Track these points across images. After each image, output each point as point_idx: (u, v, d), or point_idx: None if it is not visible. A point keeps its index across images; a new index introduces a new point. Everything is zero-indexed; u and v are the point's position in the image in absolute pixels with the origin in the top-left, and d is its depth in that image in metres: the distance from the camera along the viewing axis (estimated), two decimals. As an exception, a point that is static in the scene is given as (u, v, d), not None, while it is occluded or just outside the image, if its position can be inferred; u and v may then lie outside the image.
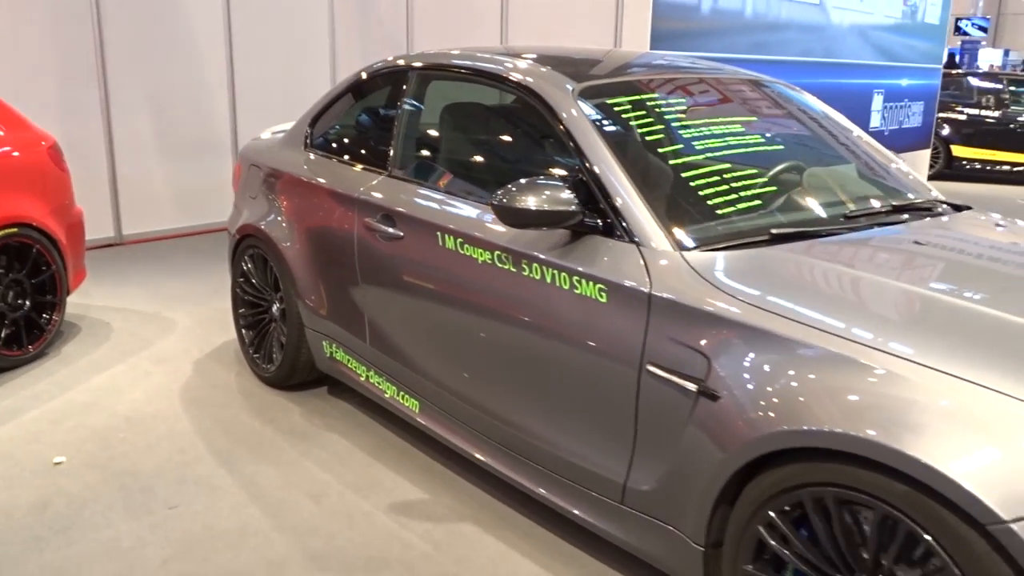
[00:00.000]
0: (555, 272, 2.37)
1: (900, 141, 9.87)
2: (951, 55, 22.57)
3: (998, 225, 2.64)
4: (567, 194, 2.29)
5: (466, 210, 2.73)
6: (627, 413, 2.19)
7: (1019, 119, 11.78)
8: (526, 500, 2.76)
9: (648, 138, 2.57)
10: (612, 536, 2.32)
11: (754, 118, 2.97)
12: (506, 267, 2.52)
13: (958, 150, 11.95)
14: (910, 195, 2.86)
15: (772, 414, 1.84)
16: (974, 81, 12.43)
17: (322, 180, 3.41)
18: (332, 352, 3.44)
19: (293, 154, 3.73)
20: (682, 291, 2.10)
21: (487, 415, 2.67)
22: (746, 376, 1.92)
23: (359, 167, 3.31)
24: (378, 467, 3.11)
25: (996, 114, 11.86)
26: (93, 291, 5.20)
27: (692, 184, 2.43)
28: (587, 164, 2.40)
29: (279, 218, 3.63)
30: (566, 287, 2.34)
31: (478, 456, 2.75)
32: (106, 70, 6.31)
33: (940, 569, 1.60)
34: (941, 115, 11.55)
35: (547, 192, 2.29)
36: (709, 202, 2.38)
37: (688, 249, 2.20)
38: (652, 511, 2.17)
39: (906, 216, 2.55)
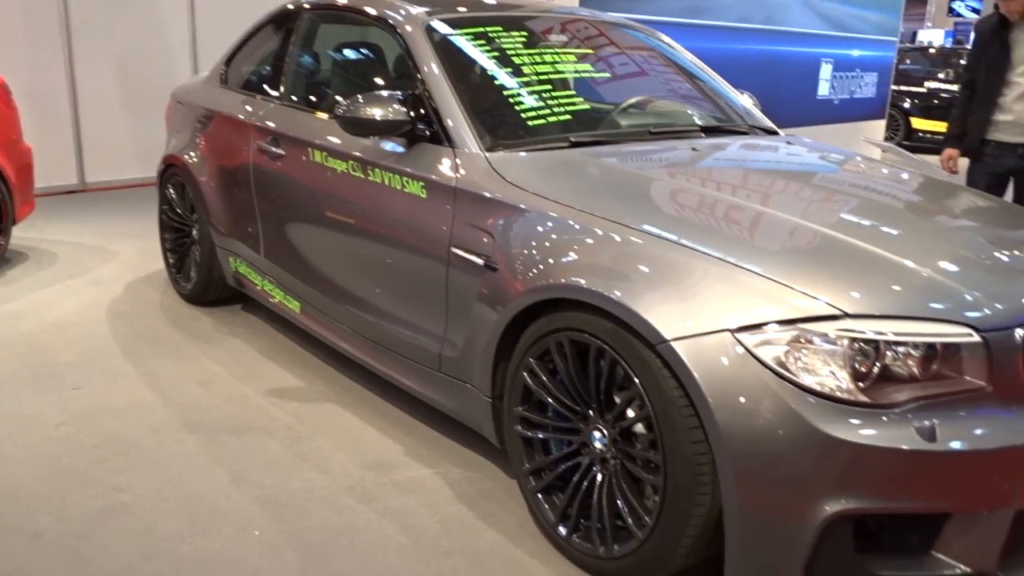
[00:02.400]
0: (391, 175, 2.74)
1: (852, 111, 10.17)
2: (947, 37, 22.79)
3: (790, 143, 3.01)
4: (399, 106, 2.65)
5: (331, 128, 3.09)
6: (440, 292, 2.56)
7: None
8: (388, 387, 3.14)
9: (482, 63, 2.93)
10: (435, 401, 2.70)
11: (594, 54, 3.32)
12: (357, 174, 2.89)
13: (917, 122, 12.25)
14: (735, 123, 3.22)
15: (530, 275, 2.21)
16: (935, 55, 12.71)
17: (228, 111, 3.78)
18: (236, 267, 3.82)
19: (210, 90, 4.09)
20: (478, 183, 2.47)
21: (345, 306, 3.05)
22: (514, 249, 2.30)
23: (258, 98, 3.67)
24: (267, 363, 3.50)
25: (955, 88, 12.14)
26: (47, 228, 5.58)
27: (511, 101, 2.80)
28: (423, 82, 2.76)
29: (194, 148, 4.00)
30: (399, 187, 2.71)
31: (342, 345, 3.13)
32: (70, 28, 6.67)
33: (636, 391, 1.97)
34: (901, 88, 11.84)
35: (383, 105, 2.65)
36: (522, 115, 2.74)
37: (492, 151, 2.56)
38: (458, 374, 2.54)
39: (702, 134, 2.92)
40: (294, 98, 3.48)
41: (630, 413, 2.03)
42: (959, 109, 4.38)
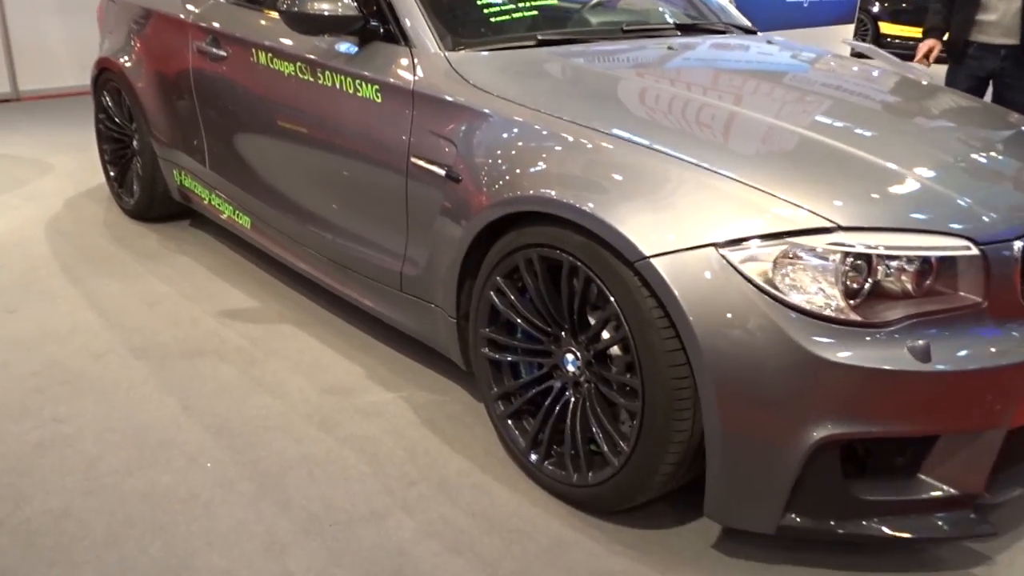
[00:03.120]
0: (343, 78, 2.51)
1: (821, 14, 9.91)
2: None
3: (769, 43, 2.82)
4: (350, 0, 2.41)
5: (277, 27, 2.83)
6: (400, 206, 2.38)
7: (948, -3, 11.82)
8: (348, 306, 2.98)
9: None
10: (396, 321, 2.55)
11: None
12: (305, 77, 2.66)
13: (886, 27, 12.02)
14: (711, 21, 3.02)
15: (496, 187, 2.04)
16: (906, -44, 12.38)
17: (164, 8, 3.47)
18: (181, 180, 3.57)
19: (144, -14, 3.76)
20: (438, 86, 2.26)
21: (299, 221, 2.86)
22: (478, 158, 2.11)
23: (196, -6, 3.37)
24: (218, 282, 3.31)
25: (925, -9, 11.89)
26: (-22, 139, 5.24)
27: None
28: (378, -25, 2.51)
29: (130, 51, 3.69)
30: (351, 91, 2.49)
31: (298, 264, 2.95)
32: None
33: (611, 311, 1.84)
34: (869, -10, 11.56)
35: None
36: (485, 11, 2.52)
37: (453, 50, 2.35)
38: (421, 293, 2.39)
39: (677, 32, 2.72)
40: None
41: (605, 335, 1.90)
42: (940, 2, 4.17)
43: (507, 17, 2.52)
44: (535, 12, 2.60)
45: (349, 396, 2.51)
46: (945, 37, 4.15)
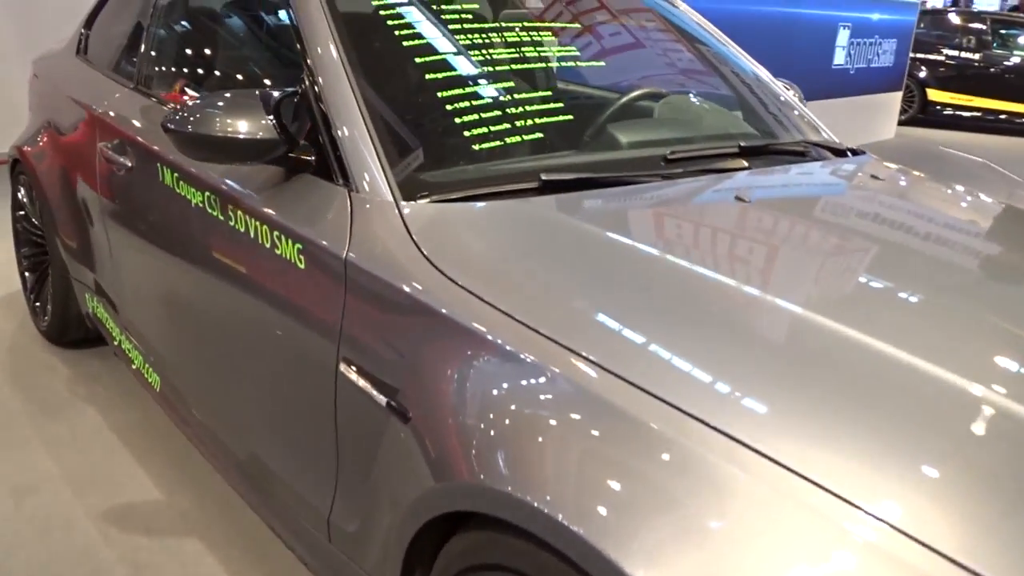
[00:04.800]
0: (257, 224, 1.73)
1: (868, 82, 9.14)
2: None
3: (874, 177, 1.99)
4: (263, 116, 1.63)
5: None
6: (327, 430, 1.58)
7: (1003, 63, 11.04)
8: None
9: (411, 44, 1.89)
10: (324, 579, 1.73)
11: (582, 26, 2.29)
12: (214, 213, 1.88)
13: (934, 94, 11.24)
14: (782, 134, 2.22)
15: (451, 458, 1.23)
16: (956, 20, 11.65)
17: (77, 94, 2.74)
18: (94, 308, 2.81)
19: (64, 61, 3.04)
20: (382, 259, 1.46)
21: (209, 406, 2.07)
22: (441, 395, 1.30)
23: (111, 80, 2.63)
24: (122, 454, 2.51)
25: (977, 56, 11.12)
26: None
27: (450, 108, 1.76)
28: (311, 74, 1.74)
29: (40, 139, 2.96)
30: (267, 244, 1.70)
31: (203, 453, 2.15)
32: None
33: None
34: (918, 55, 10.80)
35: (238, 112, 1.63)
36: (467, 133, 1.72)
37: (412, 199, 1.56)
38: (353, 555, 1.57)
39: (744, 163, 1.88)
40: (153, 84, 2.44)
41: None
42: None
43: (497, 142, 1.72)
44: (540, 133, 1.78)
45: None
46: None
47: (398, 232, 1.48)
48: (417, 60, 1.85)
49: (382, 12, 1.92)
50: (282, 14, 2.03)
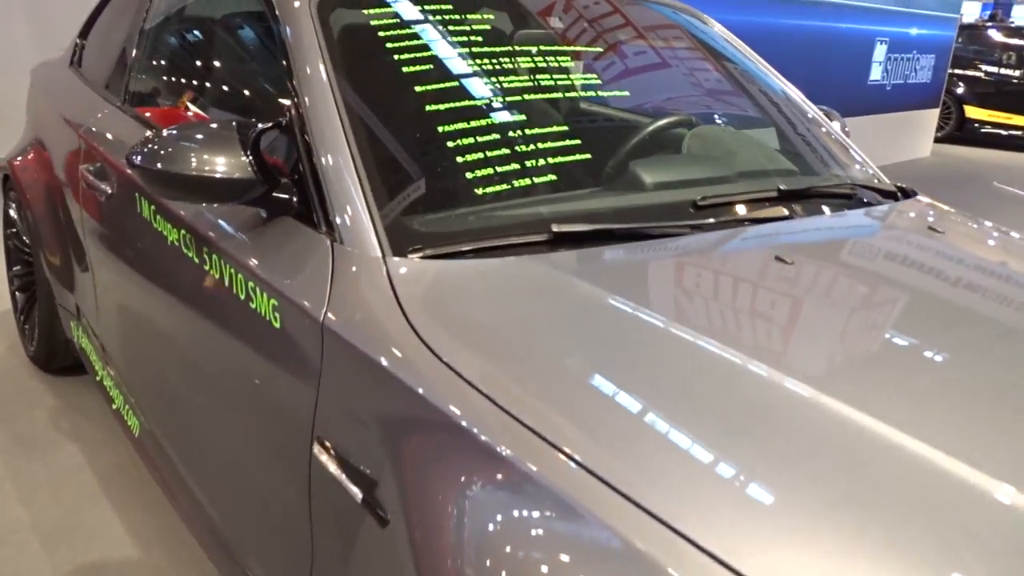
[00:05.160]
0: (232, 272, 1.54)
1: (904, 98, 8.86)
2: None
3: (932, 230, 1.76)
4: (240, 153, 1.44)
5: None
6: (302, 511, 1.38)
7: (1043, 80, 10.69)
8: None
9: (409, 72, 1.69)
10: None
11: (601, 50, 2.08)
12: (190, 255, 1.69)
13: (972, 111, 10.91)
14: (823, 171, 2.00)
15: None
16: (995, 35, 11.30)
17: (62, 109, 2.58)
18: (79, 337, 2.64)
19: (58, 72, 2.88)
20: (365, 326, 1.26)
21: (186, 463, 1.88)
22: (427, 498, 1.09)
23: (100, 96, 2.46)
24: (99, 500, 2.34)
25: (1017, 73, 10.77)
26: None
27: (452, 145, 1.56)
28: (298, 107, 1.55)
29: (28, 154, 2.80)
30: (242, 297, 1.51)
31: (178, 513, 1.96)
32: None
33: None
34: (955, 71, 10.48)
35: (209, 148, 1.44)
36: (470, 175, 1.52)
37: (402, 254, 1.35)
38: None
39: (785, 211, 1.66)
40: (138, 103, 2.26)
41: None
42: None
43: (504, 185, 1.51)
44: (553, 174, 1.57)
45: None
46: None
47: (384, 295, 1.28)
48: (417, 89, 1.64)
49: (381, 33, 1.73)
50: (274, 33, 1.83)
